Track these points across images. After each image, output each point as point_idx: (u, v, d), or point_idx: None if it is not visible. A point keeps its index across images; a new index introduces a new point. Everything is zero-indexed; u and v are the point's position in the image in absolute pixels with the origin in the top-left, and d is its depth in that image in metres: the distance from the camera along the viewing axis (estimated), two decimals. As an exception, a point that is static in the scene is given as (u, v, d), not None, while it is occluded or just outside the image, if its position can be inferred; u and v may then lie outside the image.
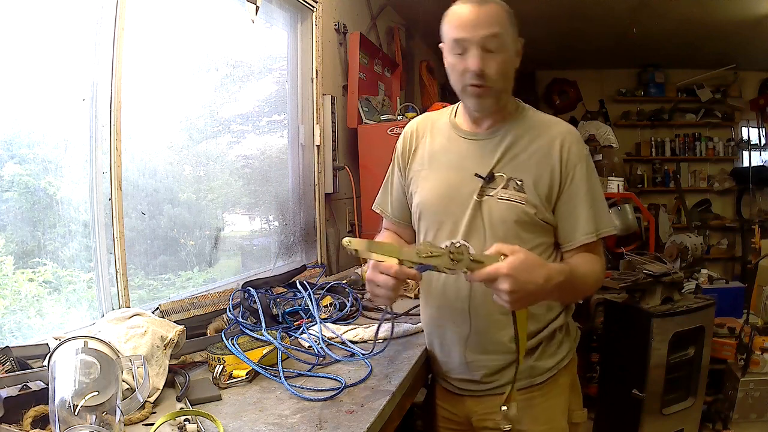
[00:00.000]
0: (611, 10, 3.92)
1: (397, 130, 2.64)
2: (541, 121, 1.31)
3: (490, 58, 1.17)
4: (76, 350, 0.98)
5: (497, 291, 0.97)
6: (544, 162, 1.24)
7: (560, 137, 1.25)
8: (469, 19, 1.17)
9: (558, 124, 1.30)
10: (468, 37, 1.17)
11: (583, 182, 1.24)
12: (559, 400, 1.33)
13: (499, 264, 0.95)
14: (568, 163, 1.24)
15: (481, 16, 1.16)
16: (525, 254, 0.97)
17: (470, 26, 1.17)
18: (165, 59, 1.81)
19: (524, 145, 1.26)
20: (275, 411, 1.10)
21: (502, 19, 1.18)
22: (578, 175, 1.24)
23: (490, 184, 1.25)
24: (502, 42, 1.18)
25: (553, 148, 1.24)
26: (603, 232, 1.25)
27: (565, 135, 1.26)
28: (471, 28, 1.17)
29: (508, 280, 0.94)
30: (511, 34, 1.21)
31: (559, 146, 1.24)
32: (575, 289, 1.19)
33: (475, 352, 1.31)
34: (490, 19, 1.16)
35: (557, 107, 5.89)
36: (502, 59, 1.19)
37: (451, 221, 1.29)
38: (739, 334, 2.96)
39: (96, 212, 1.49)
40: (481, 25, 1.16)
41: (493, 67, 1.18)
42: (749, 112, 5.85)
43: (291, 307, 1.69)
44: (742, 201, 5.80)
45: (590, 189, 1.25)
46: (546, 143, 1.25)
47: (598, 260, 1.26)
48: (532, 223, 1.24)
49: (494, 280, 0.96)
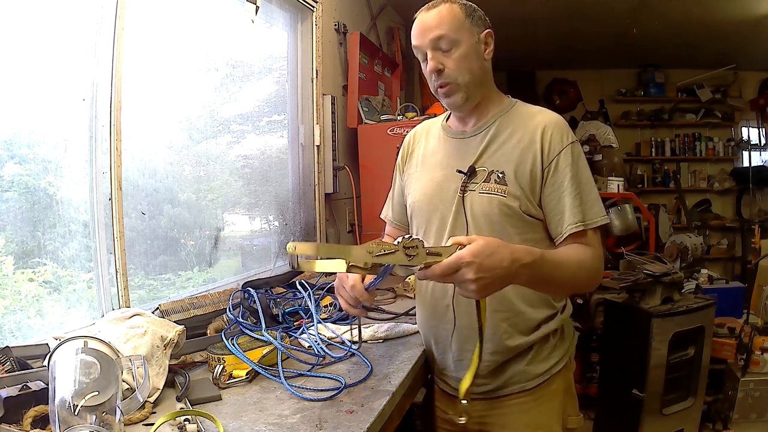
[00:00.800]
0: (611, 10, 3.92)
1: (397, 130, 2.64)
2: (526, 112, 1.30)
3: (445, 57, 1.23)
4: (76, 350, 0.98)
5: (461, 282, 0.93)
6: (526, 152, 1.23)
7: (542, 125, 1.24)
8: (418, 27, 1.25)
9: (541, 113, 1.29)
10: (420, 44, 1.25)
11: (567, 170, 1.21)
12: (553, 405, 1.31)
13: (459, 252, 0.91)
14: (550, 150, 1.22)
15: (426, 21, 1.24)
16: (484, 239, 0.94)
17: (420, 33, 1.25)
18: (165, 59, 1.81)
19: (506, 138, 1.26)
20: (275, 411, 1.10)
21: (451, 18, 1.22)
22: (562, 162, 1.21)
23: (472, 179, 1.26)
24: (451, 39, 1.22)
25: (535, 137, 1.23)
26: (591, 223, 1.20)
27: (547, 122, 1.25)
28: (420, 35, 1.25)
29: (471, 268, 0.90)
30: (467, 29, 1.23)
31: (540, 134, 1.23)
32: (551, 276, 1.09)
33: (464, 350, 1.31)
34: (436, 22, 1.22)
35: (557, 107, 5.87)
36: (459, 55, 1.23)
37: (438, 218, 1.32)
38: (739, 334, 2.96)
39: (96, 212, 1.49)
40: (428, 29, 1.23)
41: (450, 64, 1.23)
42: (749, 112, 5.85)
43: (291, 307, 1.69)
44: (742, 201, 5.80)
45: (575, 177, 1.21)
46: (528, 133, 1.24)
47: (588, 249, 1.19)
48: (517, 217, 1.23)
49: (456, 271, 0.91)
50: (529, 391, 1.29)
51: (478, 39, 1.25)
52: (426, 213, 1.35)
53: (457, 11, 1.23)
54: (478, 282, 0.92)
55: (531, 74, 5.98)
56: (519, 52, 4.91)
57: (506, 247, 0.96)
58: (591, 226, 1.21)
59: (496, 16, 1.41)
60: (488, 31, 1.27)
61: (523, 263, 0.97)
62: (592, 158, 4.49)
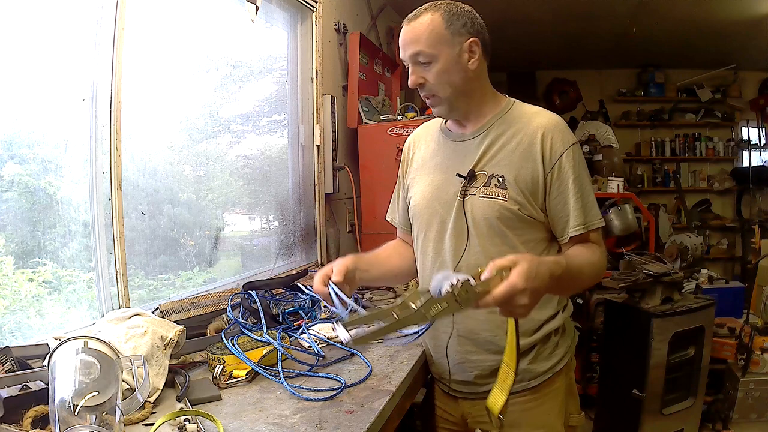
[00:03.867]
0: (611, 10, 3.91)
1: (397, 130, 2.64)
2: (524, 113, 1.29)
3: (425, 71, 1.24)
4: (76, 350, 0.98)
5: (512, 308, 0.91)
6: (527, 155, 1.23)
7: (542, 128, 1.23)
8: (401, 40, 1.26)
9: (540, 114, 1.28)
10: (402, 57, 1.27)
11: (570, 173, 1.22)
12: (555, 403, 1.32)
13: (512, 280, 0.88)
14: (552, 154, 1.22)
15: (406, 36, 1.24)
16: (525, 260, 0.91)
17: (401, 46, 1.26)
18: (165, 59, 1.81)
19: (506, 141, 1.26)
20: (275, 411, 1.10)
21: (428, 33, 1.20)
22: (565, 165, 1.22)
23: (472, 183, 1.26)
24: (428, 55, 1.21)
25: (535, 140, 1.23)
26: (591, 225, 1.23)
27: (546, 125, 1.24)
28: (401, 48, 1.26)
29: (525, 294, 0.89)
30: (446, 42, 1.21)
31: (541, 137, 1.23)
32: (573, 281, 1.13)
33: (463, 352, 1.31)
34: (414, 37, 1.22)
35: (557, 107, 5.87)
36: (437, 70, 1.22)
37: (438, 222, 1.31)
38: (739, 334, 2.96)
39: (96, 212, 1.49)
40: (408, 44, 1.24)
41: (430, 78, 1.24)
42: (749, 112, 5.85)
43: (291, 308, 1.69)
44: (742, 201, 5.80)
45: (577, 179, 1.22)
46: (528, 136, 1.24)
47: (596, 249, 1.23)
48: (517, 219, 1.23)
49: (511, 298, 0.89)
50: (532, 389, 1.30)
51: (460, 50, 1.22)
52: (426, 216, 1.34)
53: (437, 23, 1.20)
54: (530, 305, 0.91)
55: (531, 74, 5.98)
56: (519, 52, 4.91)
57: (543, 263, 0.96)
58: (591, 228, 1.24)
59: (496, 16, 1.41)
60: (473, 39, 1.22)
61: (555, 276, 0.98)
62: (592, 158, 4.49)
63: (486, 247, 1.24)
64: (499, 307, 0.90)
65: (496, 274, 0.89)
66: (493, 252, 1.23)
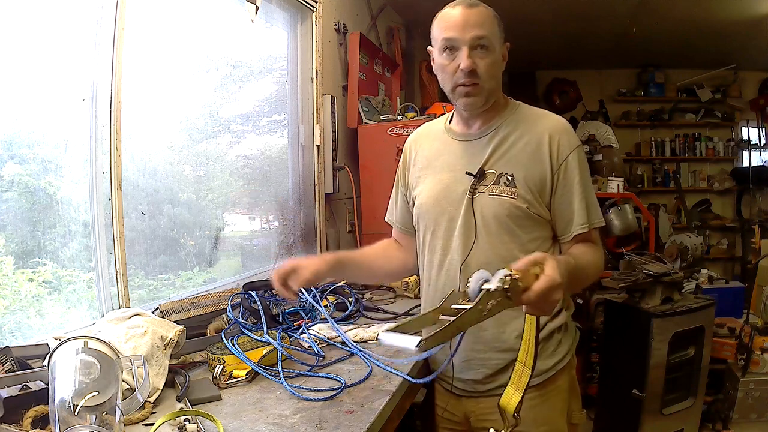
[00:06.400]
0: (611, 10, 3.91)
1: (397, 130, 2.64)
2: (531, 115, 1.33)
3: (479, 58, 1.22)
4: (76, 350, 0.98)
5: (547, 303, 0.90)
6: (535, 156, 1.26)
7: (549, 130, 1.27)
8: (459, 21, 1.22)
9: (546, 116, 1.32)
10: (459, 37, 1.22)
11: (576, 173, 1.26)
12: (558, 401, 1.33)
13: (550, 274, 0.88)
14: (559, 155, 1.25)
15: (470, 18, 1.21)
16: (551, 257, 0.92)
17: (461, 27, 1.22)
18: (165, 59, 1.81)
19: (514, 141, 1.28)
20: (275, 411, 1.10)
21: (491, 22, 1.23)
22: (570, 166, 1.26)
23: (482, 181, 1.28)
24: (490, 43, 1.22)
25: (543, 142, 1.26)
26: (595, 223, 1.27)
27: (553, 127, 1.28)
28: (461, 29, 1.21)
29: (561, 288, 0.89)
30: (498, 38, 1.26)
31: (548, 139, 1.26)
32: (579, 280, 1.18)
33: (469, 350, 1.31)
34: (480, 21, 1.21)
35: (557, 107, 5.87)
36: (492, 60, 1.23)
37: (447, 220, 1.32)
38: (739, 334, 2.96)
39: (96, 212, 1.48)
40: (471, 26, 1.21)
41: (482, 67, 1.22)
42: (749, 112, 5.84)
43: (291, 308, 1.69)
44: (742, 201, 5.80)
45: (582, 180, 1.27)
46: (535, 137, 1.27)
47: (596, 249, 1.28)
48: (526, 217, 1.26)
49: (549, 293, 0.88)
50: (535, 387, 1.30)
51: (501, 48, 1.27)
52: (434, 215, 1.35)
53: (496, 18, 1.25)
54: (558, 301, 0.91)
55: (531, 74, 5.97)
56: (519, 52, 4.87)
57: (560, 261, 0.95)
58: (594, 226, 1.28)
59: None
60: (507, 43, 1.30)
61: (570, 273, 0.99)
62: (592, 158, 4.48)
63: (494, 245, 1.26)
64: (531, 304, 0.89)
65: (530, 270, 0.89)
66: (502, 249, 1.25)
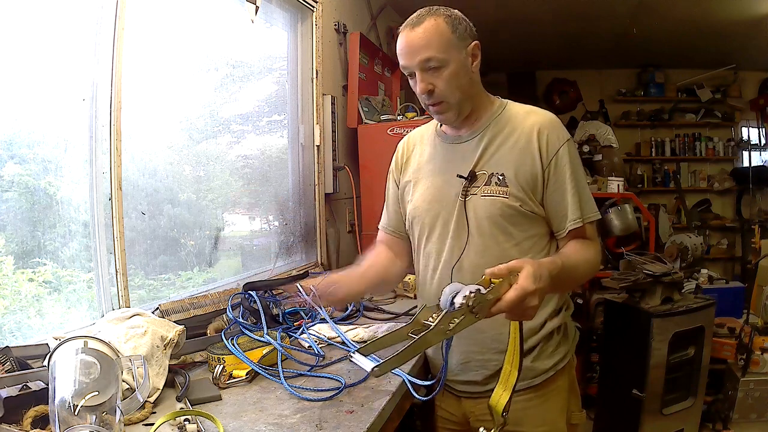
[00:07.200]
0: (611, 10, 3.91)
1: (397, 130, 2.64)
2: (519, 112, 1.32)
3: (434, 77, 1.22)
4: (76, 350, 0.98)
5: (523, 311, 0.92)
6: (524, 153, 1.25)
7: (537, 126, 1.26)
8: (405, 47, 1.22)
9: (534, 112, 1.31)
10: (408, 65, 1.24)
11: (567, 168, 1.25)
12: (557, 401, 1.33)
13: (522, 283, 0.90)
14: (548, 150, 1.25)
15: (414, 41, 1.21)
16: (528, 263, 0.93)
17: (407, 54, 1.22)
18: (165, 59, 1.81)
19: (503, 140, 1.28)
20: (275, 411, 1.10)
21: (439, 36, 1.20)
22: (561, 160, 1.25)
23: (473, 183, 1.28)
24: (440, 60, 1.20)
25: (532, 138, 1.25)
26: (588, 218, 1.26)
27: (541, 123, 1.27)
28: (408, 55, 1.22)
29: (536, 295, 0.91)
30: (455, 46, 1.22)
31: (537, 135, 1.25)
32: (569, 279, 1.18)
33: (468, 352, 1.32)
34: (425, 41, 1.20)
35: (557, 107, 5.87)
36: (447, 74, 1.22)
37: (440, 223, 1.33)
38: (739, 334, 2.96)
39: (96, 212, 1.48)
40: (417, 49, 1.20)
41: (440, 85, 1.22)
42: (749, 112, 5.84)
43: (291, 308, 1.69)
44: (742, 201, 5.80)
45: (573, 174, 1.25)
46: (524, 134, 1.26)
47: (591, 245, 1.26)
48: (519, 215, 1.25)
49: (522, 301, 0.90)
50: (534, 387, 1.30)
51: (465, 53, 1.24)
52: (428, 219, 1.35)
53: (443, 28, 1.20)
54: (537, 307, 0.92)
55: (531, 74, 5.97)
56: (519, 52, 4.91)
57: (542, 264, 0.97)
58: (589, 221, 1.27)
59: (497, 16, 1.41)
60: (475, 43, 1.26)
61: (552, 275, 0.99)
62: (592, 158, 4.48)
63: (488, 245, 1.26)
64: (509, 312, 0.91)
65: (503, 280, 0.90)
66: (496, 250, 1.25)
